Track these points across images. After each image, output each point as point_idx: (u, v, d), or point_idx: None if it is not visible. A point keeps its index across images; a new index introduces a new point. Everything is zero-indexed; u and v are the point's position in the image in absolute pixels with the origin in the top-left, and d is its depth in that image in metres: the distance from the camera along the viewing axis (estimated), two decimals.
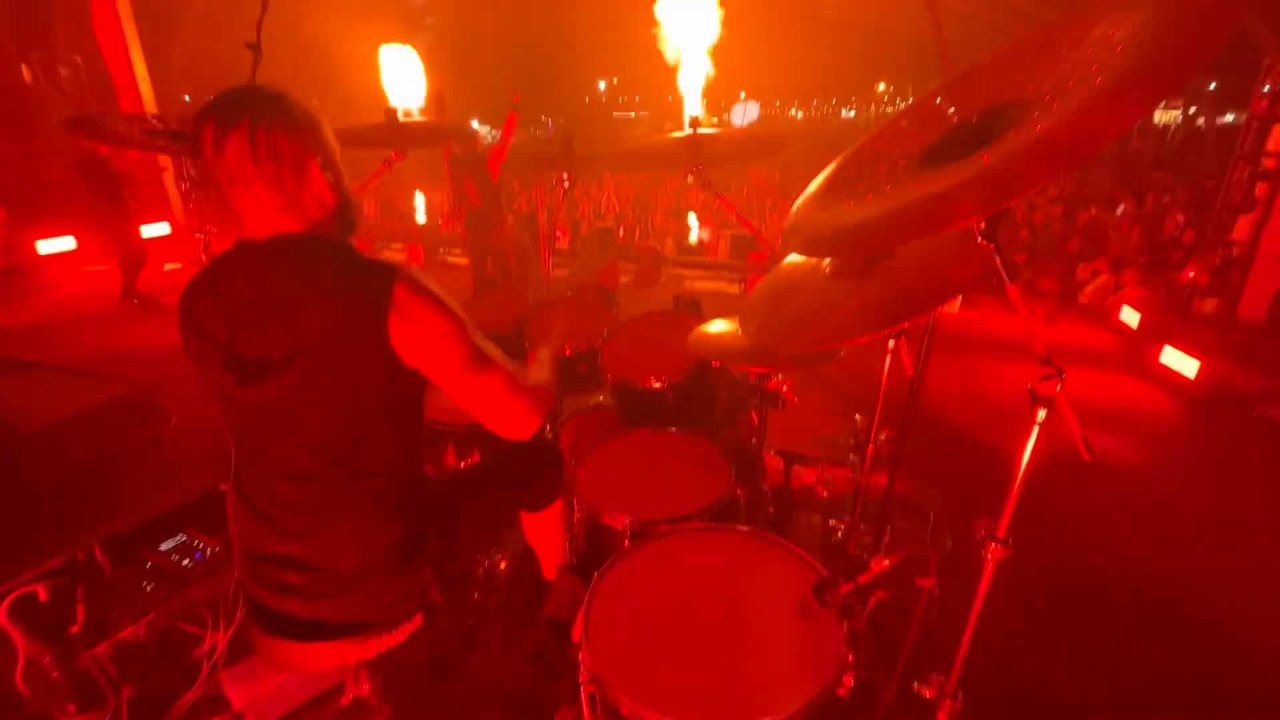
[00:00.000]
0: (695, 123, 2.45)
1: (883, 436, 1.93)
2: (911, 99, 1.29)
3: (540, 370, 1.46)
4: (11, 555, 1.80)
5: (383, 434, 1.18)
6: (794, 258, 1.67)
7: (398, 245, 8.67)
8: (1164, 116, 19.40)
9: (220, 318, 1.10)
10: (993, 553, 1.06)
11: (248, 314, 1.09)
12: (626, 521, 1.63)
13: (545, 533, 1.77)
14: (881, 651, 1.81)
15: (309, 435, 1.12)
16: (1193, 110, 18.41)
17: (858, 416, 2.05)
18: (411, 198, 11.01)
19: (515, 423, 1.25)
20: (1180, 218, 8.24)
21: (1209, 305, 5.32)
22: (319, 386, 1.09)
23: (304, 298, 1.07)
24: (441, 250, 8.41)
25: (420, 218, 10.77)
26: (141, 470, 3.10)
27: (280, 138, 1.05)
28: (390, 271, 1.10)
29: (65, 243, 7.48)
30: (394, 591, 1.24)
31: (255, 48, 2.07)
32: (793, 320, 1.48)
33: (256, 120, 1.04)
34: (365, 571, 1.19)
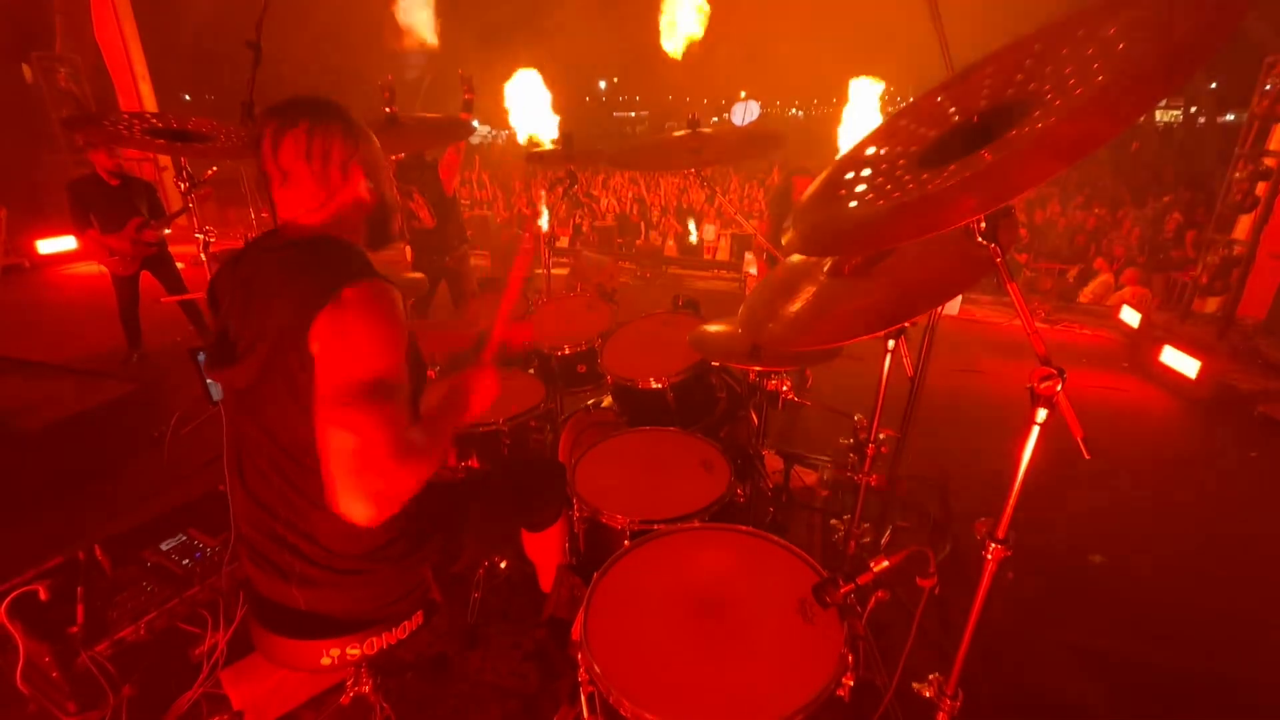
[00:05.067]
0: (694, 122, 2.45)
1: (882, 436, 1.93)
2: (912, 99, 1.29)
3: (428, 425, 1.14)
4: (11, 555, 1.80)
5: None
6: (794, 257, 1.67)
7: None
8: (1165, 116, 19.40)
9: (225, 301, 1.18)
10: (993, 553, 1.06)
11: (240, 298, 1.15)
12: (626, 521, 1.63)
13: (545, 549, 1.77)
14: (881, 651, 1.81)
15: (274, 430, 1.13)
16: (1194, 110, 18.39)
17: (858, 416, 2.04)
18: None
19: (358, 494, 0.99)
20: (1179, 217, 8.25)
21: (1209, 305, 5.31)
22: (275, 382, 1.08)
23: (279, 287, 1.09)
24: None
25: None
26: (141, 470, 3.10)
27: (334, 141, 1.14)
28: (353, 274, 1.06)
29: (65, 243, 7.47)
30: (393, 588, 1.24)
31: (255, 47, 2.07)
32: (793, 320, 1.48)
33: (315, 123, 1.13)
34: (361, 564, 1.19)
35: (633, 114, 32.32)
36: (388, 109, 2.63)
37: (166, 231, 4.34)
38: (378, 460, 0.99)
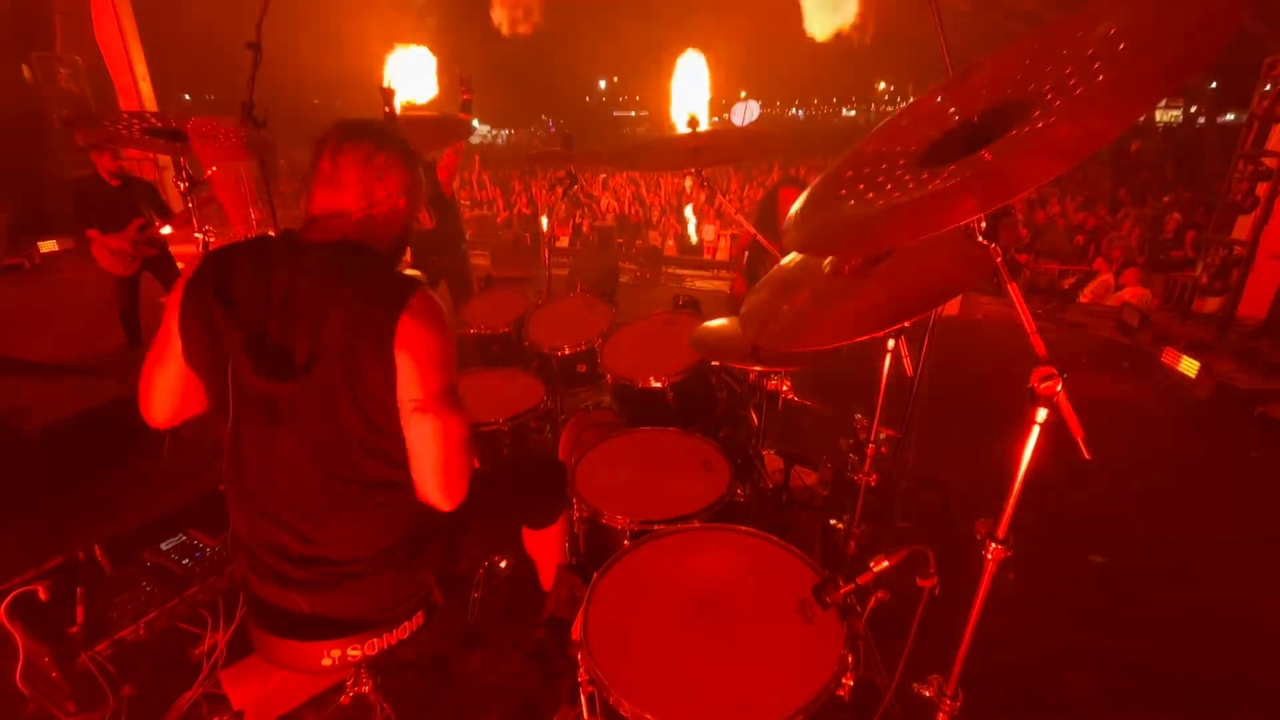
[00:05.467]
0: (694, 122, 2.45)
1: (883, 436, 1.93)
2: (912, 99, 1.29)
3: None
4: (11, 555, 1.80)
5: (381, 451, 1.15)
6: (794, 257, 1.67)
7: None
8: (1165, 116, 19.41)
9: (255, 300, 1.12)
10: (993, 553, 1.06)
11: (282, 305, 1.11)
12: (626, 521, 1.63)
13: (546, 547, 1.77)
14: (881, 651, 1.81)
15: (311, 439, 1.12)
16: (1194, 109, 18.40)
17: (858, 416, 2.04)
18: None
19: (452, 483, 1.17)
20: (1179, 217, 8.24)
21: (1209, 305, 5.32)
22: (326, 396, 1.10)
23: (331, 303, 1.09)
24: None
25: None
26: (141, 470, 3.09)
27: (395, 164, 1.23)
28: (412, 282, 1.15)
29: (66, 243, 7.47)
30: (395, 590, 1.24)
31: (255, 48, 2.07)
32: (793, 320, 1.48)
33: (381, 144, 1.22)
34: (365, 568, 1.19)
35: (633, 114, 32.34)
36: (386, 109, 2.64)
37: (165, 231, 4.34)
38: (465, 454, 1.17)
